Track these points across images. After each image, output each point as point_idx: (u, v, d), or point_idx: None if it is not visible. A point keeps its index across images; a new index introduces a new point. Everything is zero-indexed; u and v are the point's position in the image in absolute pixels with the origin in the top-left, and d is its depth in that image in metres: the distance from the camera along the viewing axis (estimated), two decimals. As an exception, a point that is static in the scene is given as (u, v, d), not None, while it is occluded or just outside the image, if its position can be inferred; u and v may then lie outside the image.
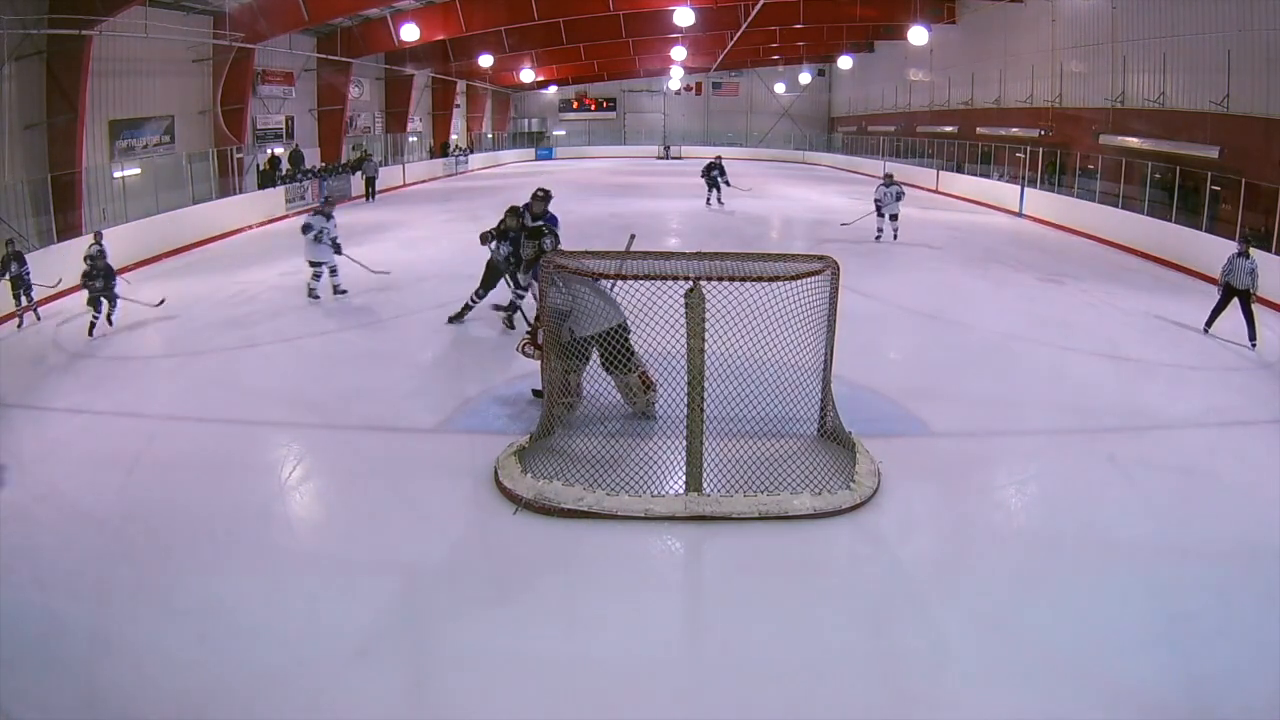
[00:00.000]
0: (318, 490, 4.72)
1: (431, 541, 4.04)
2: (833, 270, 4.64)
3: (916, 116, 26.30)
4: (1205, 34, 13.13)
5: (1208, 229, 11.62)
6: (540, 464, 4.55)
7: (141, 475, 4.74)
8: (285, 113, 19.17)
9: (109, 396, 6.07)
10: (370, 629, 3.33)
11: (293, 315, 8.50)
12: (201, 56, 15.37)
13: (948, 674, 3.13)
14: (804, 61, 33.63)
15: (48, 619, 3.39)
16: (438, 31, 20.11)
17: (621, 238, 6.86)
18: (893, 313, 8.74)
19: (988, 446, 5.30)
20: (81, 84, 11.77)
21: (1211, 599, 3.58)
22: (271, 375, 6.58)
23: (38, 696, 2.96)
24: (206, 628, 3.33)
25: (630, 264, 4.60)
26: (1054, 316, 8.67)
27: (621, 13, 21.08)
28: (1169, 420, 5.74)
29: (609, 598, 3.60)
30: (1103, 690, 3.01)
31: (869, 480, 4.45)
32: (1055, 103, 18.18)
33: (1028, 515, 4.49)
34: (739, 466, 4.48)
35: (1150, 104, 14.84)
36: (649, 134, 38.20)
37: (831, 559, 3.96)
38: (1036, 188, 17.32)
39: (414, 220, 15.83)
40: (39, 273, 8.59)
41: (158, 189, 13.16)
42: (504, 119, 36.38)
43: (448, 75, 26.51)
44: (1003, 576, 3.79)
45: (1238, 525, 4.24)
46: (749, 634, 3.34)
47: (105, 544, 4.00)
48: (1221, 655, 3.22)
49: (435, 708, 2.96)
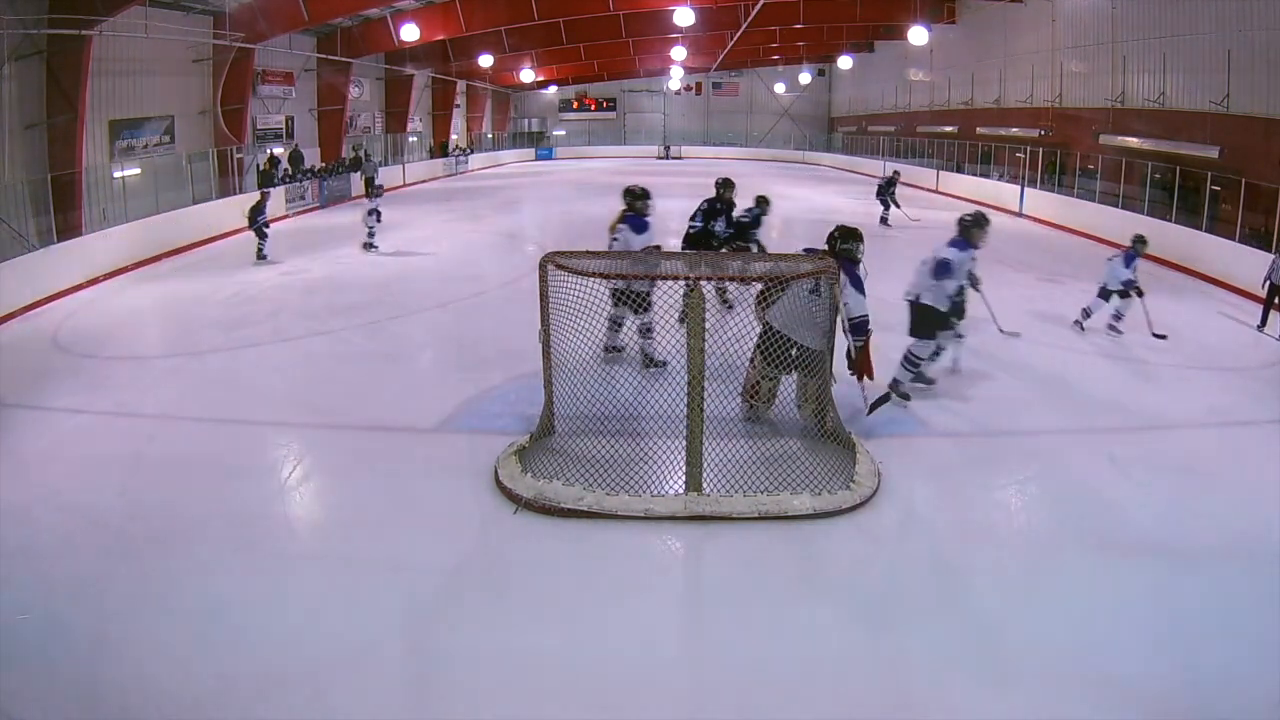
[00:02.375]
0: (318, 490, 4.72)
1: (431, 541, 4.04)
2: (833, 270, 4.65)
3: (916, 116, 26.30)
4: (1205, 34, 13.13)
5: (1208, 229, 11.62)
6: (540, 464, 4.55)
7: (141, 475, 4.74)
8: (285, 113, 19.17)
9: (109, 396, 6.07)
10: (370, 629, 3.33)
11: (293, 315, 8.50)
12: (201, 56, 15.37)
13: (948, 674, 3.12)
14: (804, 61, 33.62)
15: (48, 619, 3.39)
16: (438, 31, 20.11)
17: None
18: (893, 313, 8.73)
19: (988, 446, 5.30)
20: (81, 84, 11.77)
21: (1211, 599, 3.58)
22: (271, 375, 6.58)
23: (38, 696, 2.96)
24: (206, 628, 3.33)
25: (630, 264, 4.60)
26: (1054, 316, 8.67)
27: (621, 13, 21.08)
28: (1169, 420, 5.74)
29: (609, 598, 3.60)
30: (1103, 690, 3.01)
31: (869, 480, 4.45)
32: (1055, 103, 18.17)
33: (1028, 515, 4.49)
34: (739, 466, 4.48)
35: (1150, 104, 14.84)
36: (649, 134, 38.21)
37: (831, 559, 3.96)
38: (1036, 188, 17.33)
39: (414, 220, 15.82)
40: (38, 273, 8.58)
41: (158, 189, 13.15)
42: (504, 119, 36.39)
43: (448, 75, 26.51)
44: (1003, 576, 3.79)
45: (1238, 525, 4.24)
46: (749, 634, 3.34)
47: (105, 544, 3.99)
48: (1221, 655, 3.21)
49: (435, 708, 2.96)
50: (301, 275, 10.62)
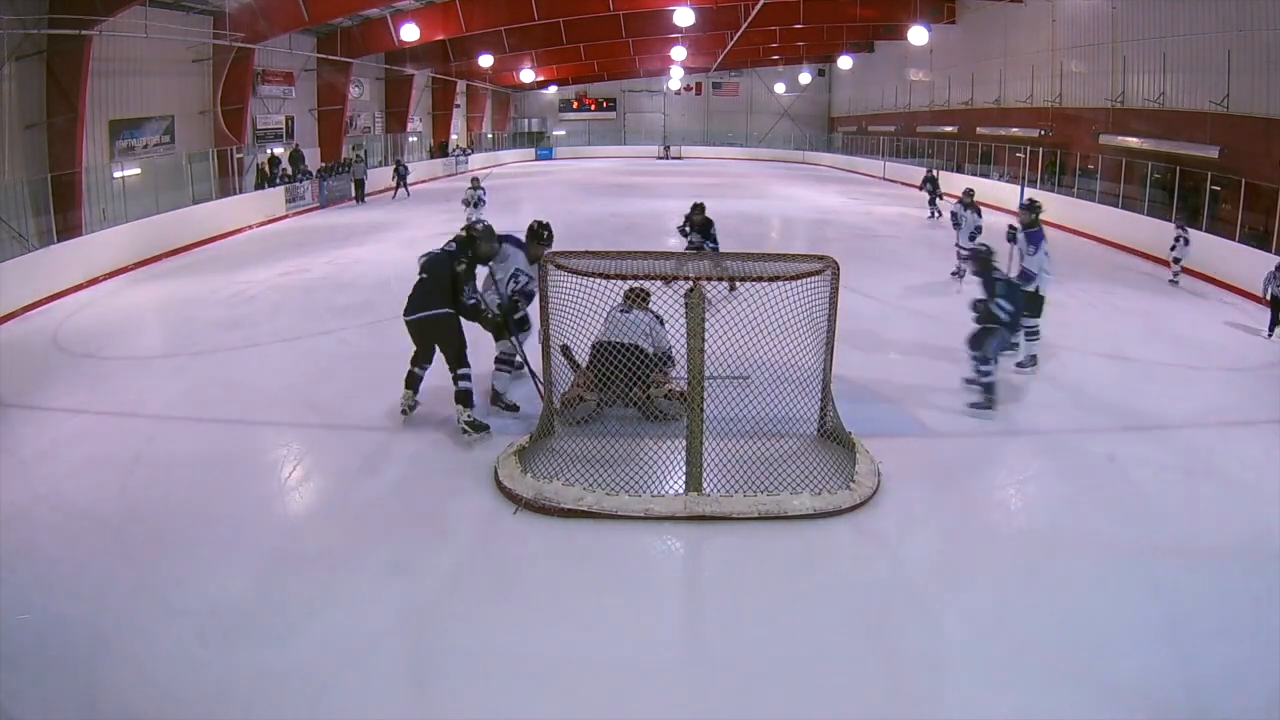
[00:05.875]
0: (318, 490, 4.72)
1: (431, 541, 4.04)
2: (833, 270, 4.64)
3: (916, 116, 26.31)
4: (1205, 34, 13.13)
5: (1208, 229, 11.62)
6: (540, 464, 4.55)
7: (141, 475, 4.74)
8: (285, 113, 19.18)
9: (109, 396, 6.07)
10: (370, 629, 3.33)
11: (293, 315, 8.50)
12: (201, 56, 15.37)
13: (947, 674, 3.12)
14: (804, 61, 33.65)
15: (48, 619, 3.39)
16: (438, 31, 20.12)
17: (621, 238, 6.89)
18: (893, 313, 8.74)
19: (988, 446, 5.30)
20: (81, 84, 11.78)
21: (1211, 599, 3.58)
22: (271, 375, 6.58)
23: (38, 696, 2.96)
24: (206, 628, 3.33)
25: (630, 264, 4.60)
26: (1054, 316, 8.65)
27: (621, 13, 21.09)
28: (1169, 420, 5.74)
29: (609, 598, 3.59)
30: (1103, 690, 3.01)
31: (869, 480, 4.45)
32: (1055, 103, 18.18)
33: (1028, 515, 4.49)
34: (739, 466, 4.48)
35: (1150, 104, 14.85)
36: (649, 134, 38.24)
37: (831, 559, 3.96)
38: (1036, 188, 17.31)
39: (414, 220, 15.83)
40: (38, 273, 8.58)
41: (158, 189, 13.17)
42: (504, 119, 36.41)
43: (448, 75, 26.52)
44: (1002, 576, 3.79)
45: (1238, 525, 4.24)
46: (749, 634, 3.34)
47: (105, 544, 3.99)
48: (1221, 655, 3.21)
49: (435, 708, 2.96)
50: (301, 275, 10.62)
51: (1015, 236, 7.38)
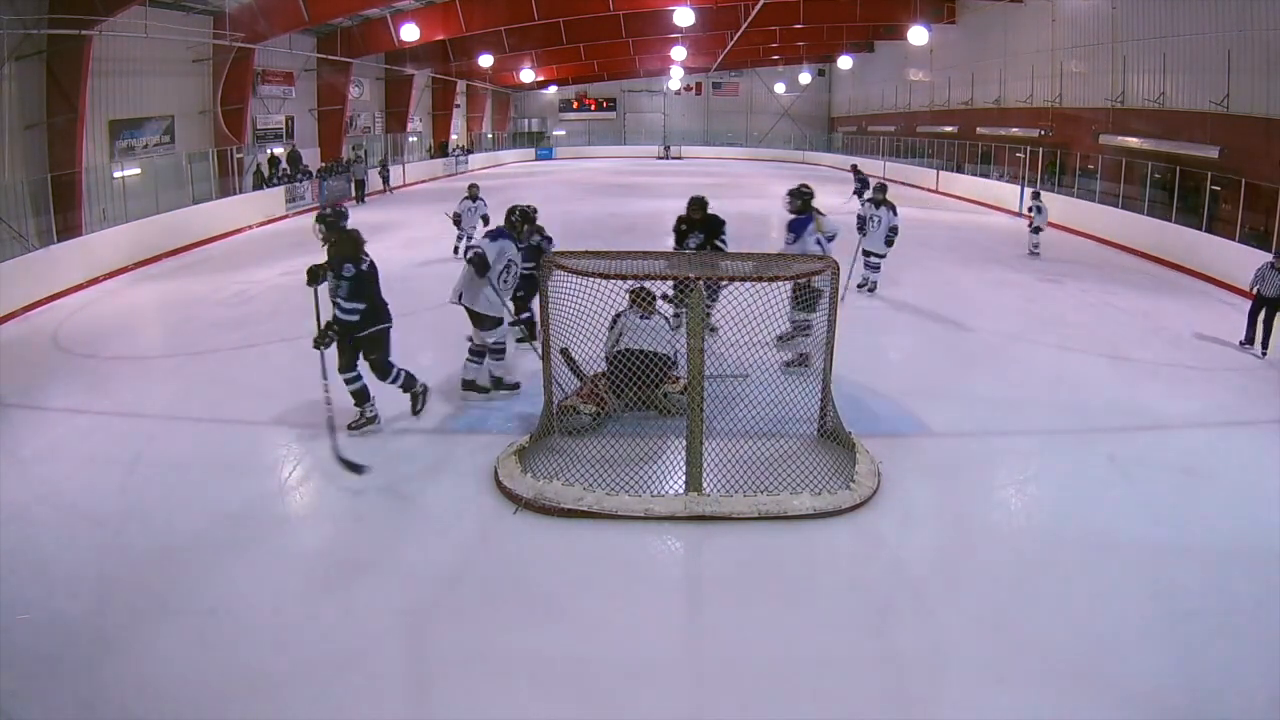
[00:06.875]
0: (317, 490, 4.72)
1: (431, 541, 4.04)
2: (833, 270, 4.65)
3: (916, 116, 26.30)
4: (1205, 34, 13.13)
5: (1208, 229, 11.63)
6: (540, 464, 4.55)
7: (141, 475, 4.74)
8: (285, 113, 19.17)
9: (109, 396, 6.07)
10: (370, 629, 3.33)
11: (293, 315, 8.48)
12: (201, 56, 15.36)
13: (948, 674, 3.12)
14: (804, 61, 33.63)
15: (48, 619, 3.39)
16: (438, 31, 20.10)
17: (621, 238, 6.88)
18: (893, 313, 8.74)
19: (988, 446, 5.29)
20: (81, 84, 11.77)
21: (1211, 599, 3.58)
22: (271, 375, 6.57)
23: (38, 696, 2.96)
24: (206, 628, 3.33)
25: (630, 264, 4.61)
26: (1054, 316, 8.67)
27: (621, 13, 21.07)
28: (1169, 420, 5.74)
29: (609, 598, 3.60)
30: (1103, 690, 3.01)
31: (869, 480, 4.45)
32: (1055, 103, 18.18)
33: (1028, 515, 4.49)
34: (739, 466, 4.48)
35: (1150, 104, 14.84)
36: (649, 134, 38.23)
37: (831, 559, 3.96)
38: (1036, 187, 17.32)
39: (414, 220, 15.82)
40: (38, 273, 8.58)
41: (158, 189, 13.16)
42: (504, 119, 36.39)
43: (448, 75, 26.51)
44: (1003, 576, 3.79)
45: (1238, 525, 4.24)
46: (749, 633, 3.34)
47: (105, 544, 3.99)
48: (1221, 655, 3.22)
49: (435, 708, 2.96)
50: (301, 275, 10.58)
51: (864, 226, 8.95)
